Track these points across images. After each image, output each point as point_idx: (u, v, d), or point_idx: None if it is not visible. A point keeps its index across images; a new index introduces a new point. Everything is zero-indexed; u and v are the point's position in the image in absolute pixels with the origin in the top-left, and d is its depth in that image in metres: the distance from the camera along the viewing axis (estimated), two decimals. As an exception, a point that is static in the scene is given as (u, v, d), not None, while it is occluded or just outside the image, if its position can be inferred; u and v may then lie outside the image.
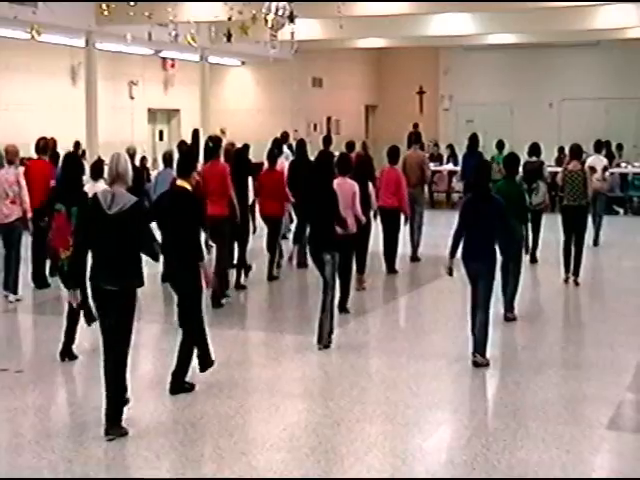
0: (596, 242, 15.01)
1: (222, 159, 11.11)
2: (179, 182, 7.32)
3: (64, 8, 16.34)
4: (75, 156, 8.96)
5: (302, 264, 12.50)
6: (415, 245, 13.65)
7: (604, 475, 5.80)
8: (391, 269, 12.54)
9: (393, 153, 12.54)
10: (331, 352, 8.45)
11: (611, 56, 26.12)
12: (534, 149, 13.91)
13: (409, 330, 9.79)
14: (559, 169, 13.44)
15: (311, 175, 8.96)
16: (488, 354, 7.96)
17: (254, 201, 12.40)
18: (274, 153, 12.47)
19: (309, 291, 12.18)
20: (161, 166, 13.40)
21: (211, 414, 6.71)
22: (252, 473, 5.64)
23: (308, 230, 8.85)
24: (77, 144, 17.13)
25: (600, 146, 16.23)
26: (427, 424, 6.61)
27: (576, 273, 11.65)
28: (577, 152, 11.93)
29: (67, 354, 8.08)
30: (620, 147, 22.17)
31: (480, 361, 7.87)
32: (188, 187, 7.28)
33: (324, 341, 8.54)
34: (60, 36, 18.21)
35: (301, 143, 14.34)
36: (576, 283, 11.61)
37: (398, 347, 8.89)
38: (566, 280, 11.65)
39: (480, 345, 7.90)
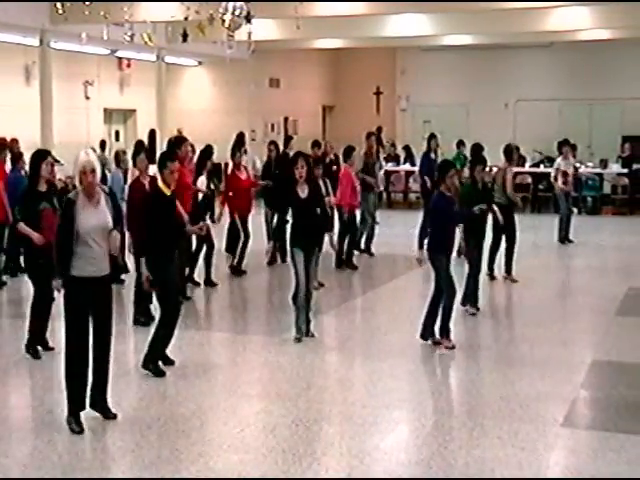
0: (568, 238, 15.40)
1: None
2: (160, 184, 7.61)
3: (18, 6, 16.13)
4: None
5: (272, 261, 12.85)
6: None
7: (559, 472, 5.86)
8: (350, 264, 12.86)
9: (347, 152, 12.91)
10: (288, 352, 8.45)
11: (564, 57, 26.44)
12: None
13: (366, 329, 9.82)
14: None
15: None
16: (445, 351, 8.10)
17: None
18: (235, 156, 12.59)
19: (269, 291, 12.21)
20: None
21: (168, 415, 6.67)
22: (210, 474, 5.61)
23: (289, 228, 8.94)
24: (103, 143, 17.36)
25: (561, 146, 16.38)
26: (384, 423, 6.63)
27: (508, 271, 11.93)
28: (509, 152, 12.09)
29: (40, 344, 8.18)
30: (574, 147, 22.41)
31: (447, 344, 8.37)
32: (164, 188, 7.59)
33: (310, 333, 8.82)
34: (13, 35, 17.98)
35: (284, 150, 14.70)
36: (512, 280, 11.87)
37: (355, 346, 8.93)
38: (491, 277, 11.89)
39: (447, 327, 8.42)
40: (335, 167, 14.19)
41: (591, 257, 14.62)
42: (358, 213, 13.21)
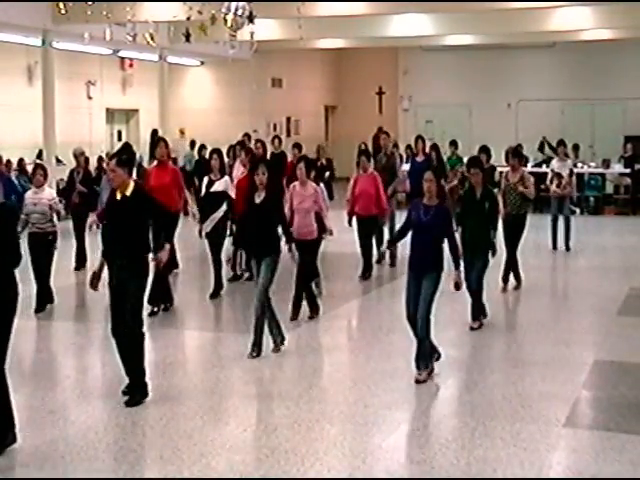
0: (556, 244, 15.00)
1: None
2: None
3: (19, 6, 16.15)
4: None
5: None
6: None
7: (561, 472, 5.86)
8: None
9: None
10: (290, 353, 8.45)
11: (566, 58, 26.47)
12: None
13: (367, 330, 9.81)
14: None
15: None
16: (445, 353, 8.00)
17: None
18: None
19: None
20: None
21: (169, 416, 6.67)
22: (212, 474, 5.62)
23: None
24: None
25: (557, 147, 16.19)
26: (386, 423, 6.63)
27: None
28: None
29: None
30: (576, 147, 22.42)
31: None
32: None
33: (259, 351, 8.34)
34: (15, 35, 18.00)
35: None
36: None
37: (356, 347, 8.93)
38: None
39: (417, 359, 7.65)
40: (328, 172, 14.01)
41: (593, 257, 14.61)
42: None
